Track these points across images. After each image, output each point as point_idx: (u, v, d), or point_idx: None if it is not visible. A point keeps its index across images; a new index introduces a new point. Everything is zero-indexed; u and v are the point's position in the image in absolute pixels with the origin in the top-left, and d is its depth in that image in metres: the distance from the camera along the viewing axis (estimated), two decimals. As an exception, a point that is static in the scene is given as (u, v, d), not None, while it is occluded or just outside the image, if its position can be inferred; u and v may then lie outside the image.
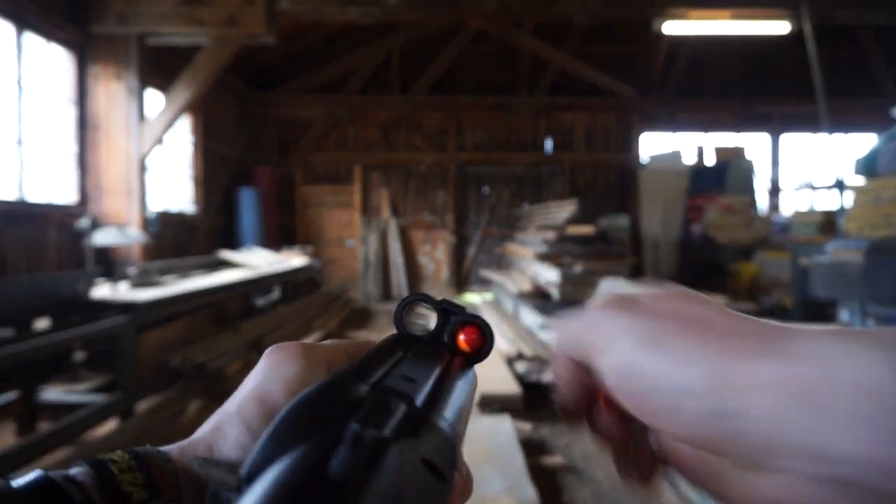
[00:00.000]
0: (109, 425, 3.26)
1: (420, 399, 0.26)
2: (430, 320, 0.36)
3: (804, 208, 7.38)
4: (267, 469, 0.17)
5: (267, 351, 0.30)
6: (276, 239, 9.06)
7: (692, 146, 9.71)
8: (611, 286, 4.60)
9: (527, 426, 3.41)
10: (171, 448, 0.26)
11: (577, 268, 6.07)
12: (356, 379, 0.25)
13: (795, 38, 6.98)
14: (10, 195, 4.81)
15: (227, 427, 0.27)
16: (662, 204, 8.94)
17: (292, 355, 0.29)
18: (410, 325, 0.35)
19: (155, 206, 6.44)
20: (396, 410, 0.23)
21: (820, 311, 4.65)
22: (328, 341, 0.33)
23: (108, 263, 5.24)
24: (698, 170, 9.01)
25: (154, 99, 6.43)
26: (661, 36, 8.62)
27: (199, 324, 4.87)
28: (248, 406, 0.27)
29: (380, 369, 0.27)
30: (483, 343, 0.35)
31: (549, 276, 6.25)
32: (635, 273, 6.80)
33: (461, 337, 0.35)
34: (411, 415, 0.23)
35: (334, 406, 0.21)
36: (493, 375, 4.00)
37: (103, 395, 3.43)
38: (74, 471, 0.23)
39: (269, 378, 0.28)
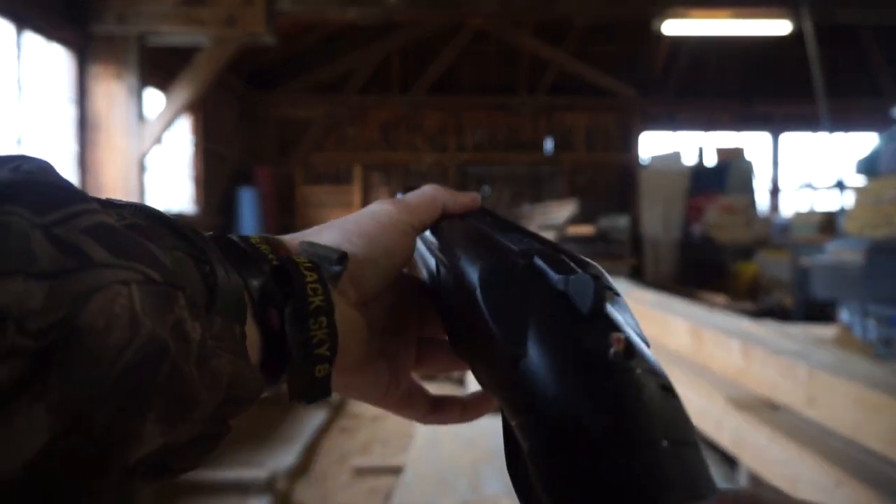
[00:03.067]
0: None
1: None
2: None
3: (804, 208, 7.39)
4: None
5: (375, 202, 0.36)
6: (276, 239, 9.04)
7: (692, 146, 9.70)
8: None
9: (527, 426, 3.40)
10: (282, 237, 0.32)
11: (577, 268, 6.06)
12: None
13: (795, 38, 6.97)
14: (9, 195, 4.81)
15: (324, 232, 0.33)
16: (662, 204, 8.92)
17: (390, 209, 0.35)
18: None
19: (155, 206, 6.43)
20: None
21: (820, 311, 4.65)
22: (410, 195, 0.37)
23: (108, 263, 5.23)
24: (698, 170, 9.00)
25: (154, 99, 6.43)
26: (661, 36, 8.62)
27: (199, 324, 4.86)
28: (347, 224, 0.33)
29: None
30: None
31: (549, 276, 6.23)
32: (635, 273, 6.79)
33: None
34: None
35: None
36: (493, 375, 3.98)
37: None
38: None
39: (367, 213, 0.34)
